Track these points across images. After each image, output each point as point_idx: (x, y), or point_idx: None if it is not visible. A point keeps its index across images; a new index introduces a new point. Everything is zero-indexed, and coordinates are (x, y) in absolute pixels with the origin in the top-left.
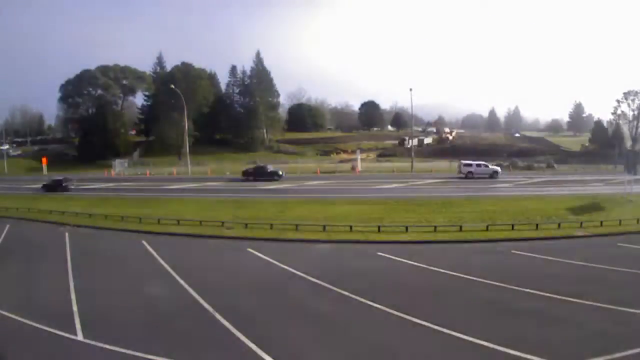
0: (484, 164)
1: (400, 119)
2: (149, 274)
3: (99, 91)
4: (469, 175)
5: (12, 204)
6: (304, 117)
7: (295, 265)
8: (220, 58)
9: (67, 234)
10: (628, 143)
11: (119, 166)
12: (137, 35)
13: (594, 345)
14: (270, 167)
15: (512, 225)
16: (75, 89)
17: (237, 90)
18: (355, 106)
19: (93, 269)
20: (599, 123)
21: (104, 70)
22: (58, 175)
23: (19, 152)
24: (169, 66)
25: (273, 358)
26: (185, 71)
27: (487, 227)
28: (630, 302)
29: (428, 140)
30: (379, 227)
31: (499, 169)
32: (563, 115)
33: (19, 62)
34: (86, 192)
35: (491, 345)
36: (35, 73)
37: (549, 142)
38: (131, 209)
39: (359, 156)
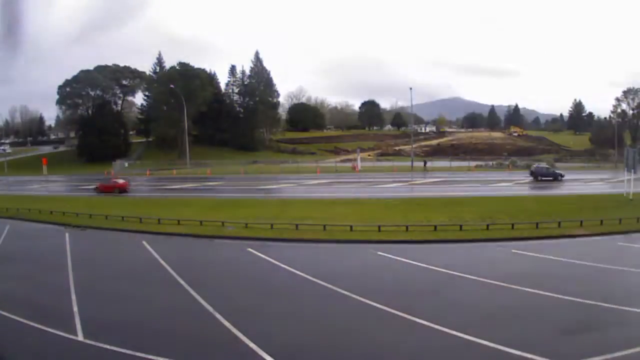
0: None
1: (400, 118)
2: (149, 274)
3: (98, 91)
4: None
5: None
6: (304, 117)
7: (295, 265)
8: (220, 58)
9: (67, 235)
10: (628, 141)
11: (119, 166)
12: (137, 35)
13: (595, 344)
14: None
15: (512, 225)
16: (74, 90)
17: (236, 90)
18: (355, 106)
19: (93, 269)
20: (599, 122)
21: (102, 70)
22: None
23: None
24: (168, 66)
25: (272, 357)
26: (184, 71)
27: (488, 226)
28: (631, 301)
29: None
30: (379, 226)
31: None
32: (563, 113)
33: (18, 63)
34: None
35: (492, 345)
36: (35, 73)
37: (549, 140)
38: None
39: (359, 155)
